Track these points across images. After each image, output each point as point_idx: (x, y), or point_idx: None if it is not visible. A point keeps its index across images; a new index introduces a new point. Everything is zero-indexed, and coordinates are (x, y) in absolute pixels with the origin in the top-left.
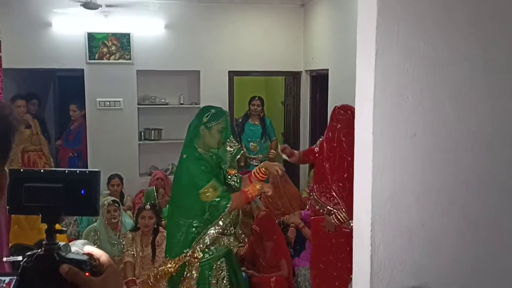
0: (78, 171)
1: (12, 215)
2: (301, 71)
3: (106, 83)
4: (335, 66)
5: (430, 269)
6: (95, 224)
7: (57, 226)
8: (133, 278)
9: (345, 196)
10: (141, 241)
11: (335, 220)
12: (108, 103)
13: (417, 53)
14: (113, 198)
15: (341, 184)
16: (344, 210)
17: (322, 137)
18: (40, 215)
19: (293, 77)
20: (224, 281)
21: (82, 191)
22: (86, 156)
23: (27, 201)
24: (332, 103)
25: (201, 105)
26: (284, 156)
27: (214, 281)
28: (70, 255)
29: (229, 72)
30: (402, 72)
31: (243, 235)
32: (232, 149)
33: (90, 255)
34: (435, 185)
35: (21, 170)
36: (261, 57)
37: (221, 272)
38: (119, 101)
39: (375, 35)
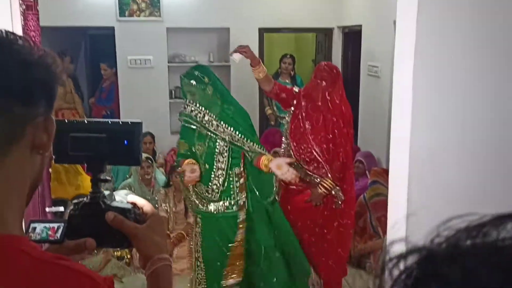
0: (121, 122)
1: (52, 172)
2: (333, 28)
3: (136, 41)
4: (369, 21)
5: None
6: (129, 180)
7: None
8: (167, 232)
9: (329, 159)
10: (174, 197)
11: (323, 189)
12: (139, 61)
13: (460, 6)
14: (146, 155)
15: (325, 146)
16: (329, 175)
17: (298, 88)
18: (85, 164)
19: (324, 34)
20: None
21: (125, 142)
22: (119, 114)
23: (72, 150)
24: (365, 61)
25: (231, 63)
26: (235, 58)
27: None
28: (114, 204)
29: (259, 29)
30: (444, 28)
31: None
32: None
33: (134, 204)
34: (472, 145)
35: (66, 120)
36: (292, 13)
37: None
38: (150, 59)
39: None
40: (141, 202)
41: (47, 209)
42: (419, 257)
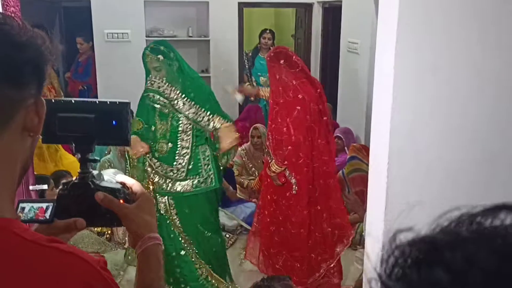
0: (108, 102)
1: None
2: (313, 3)
3: (113, 15)
4: None
5: (446, 204)
6: (109, 156)
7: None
8: None
9: (274, 146)
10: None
11: (270, 171)
12: (116, 35)
13: None
14: None
15: (270, 133)
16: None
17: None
18: (73, 145)
19: (304, 9)
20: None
21: (114, 122)
22: (96, 89)
23: (60, 130)
24: (345, 36)
25: (211, 38)
26: (238, 98)
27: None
28: (104, 183)
29: (239, 3)
30: (427, 5)
31: (253, 169)
32: None
33: (123, 184)
34: (456, 121)
35: (53, 100)
36: None
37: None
38: (127, 33)
39: None
40: (130, 181)
41: (31, 187)
42: (423, 245)
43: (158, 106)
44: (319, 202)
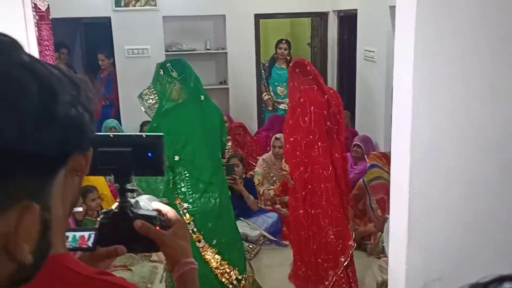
0: (144, 135)
1: None
2: (328, 12)
3: (133, 31)
4: (364, 6)
5: (466, 214)
6: None
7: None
8: None
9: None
10: None
11: (282, 170)
12: (136, 51)
13: (460, 3)
14: None
15: None
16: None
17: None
18: (113, 176)
19: (320, 18)
20: None
21: (149, 154)
22: (118, 104)
23: (101, 164)
24: (361, 45)
25: (228, 50)
26: None
27: None
28: (141, 211)
29: (255, 15)
30: (443, 20)
31: (274, 178)
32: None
33: (158, 211)
34: (474, 134)
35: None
36: None
37: None
38: (147, 49)
39: None
40: (165, 208)
41: None
42: None
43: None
44: (317, 206)
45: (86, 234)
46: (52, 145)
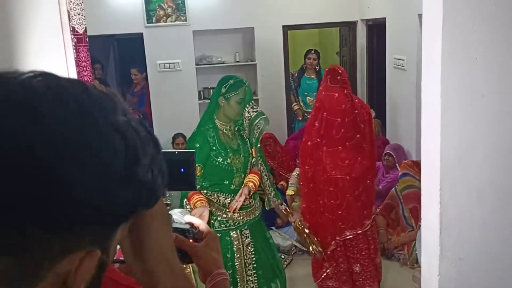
0: (177, 152)
1: None
2: (357, 21)
3: (164, 46)
4: (393, 14)
5: (498, 225)
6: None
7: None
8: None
9: None
10: None
11: None
12: (167, 65)
13: (485, 14)
14: None
15: None
16: None
17: None
18: None
19: (348, 27)
20: (249, 247)
21: (182, 170)
22: (151, 117)
23: None
24: (391, 53)
25: (257, 62)
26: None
27: (235, 248)
28: (174, 225)
29: (283, 26)
30: (470, 34)
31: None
32: (249, 114)
33: (191, 224)
34: (503, 144)
35: None
36: (314, 9)
37: (245, 238)
38: (178, 63)
39: None
40: (197, 221)
41: None
42: None
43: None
44: (327, 210)
45: None
46: (125, 204)
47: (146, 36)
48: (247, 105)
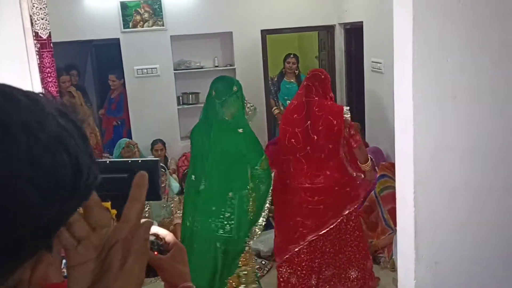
0: (140, 161)
1: None
2: (335, 25)
3: (142, 51)
4: (370, 18)
5: (473, 228)
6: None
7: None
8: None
9: None
10: None
11: None
12: (145, 70)
13: (456, 14)
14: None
15: None
16: None
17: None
18: (110, 202)
19: (326, 31)
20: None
21: None
22: (129, 124)
23: (98, 190)
24: (368, 57)
25: (236, 66)
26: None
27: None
28: None
29: (262, 31)
30: (441, 35)
31: None
32: (249, 110)
33: (156, 235)
34: (476, 145)
35: None
36: (293, 13)
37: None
38: (156, 68)
39: None
40: (163, 232)
41: None
42: None
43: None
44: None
45: None
46: (74, 210)
47: (122, 41)
48: (244, 102)
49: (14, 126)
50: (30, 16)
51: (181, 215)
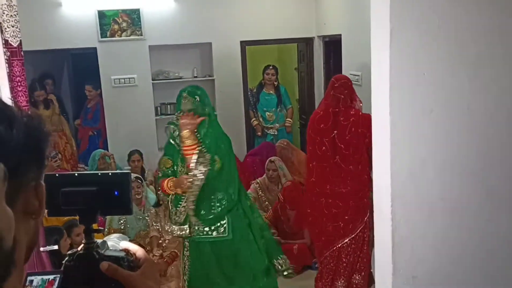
0: (110, 173)
1: None
2: (314, 37)
3: (119, 61)
4: (348, 31)
5: (450, 242)
6: None
7: (94, 226)
8: (161, 251)
9: None
10: (165, 216)
11: None
12: (123, 80)
13: (433, 29)
14: (136, 175)
15: None
16: None
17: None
18: (78, 217)
19: (305, 43)
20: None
21: (116, 192)
22: (106, 134)
23: (64, 204)
24: (347, 69)
25: (215, 77)
26: None
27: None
28: (108, 252)
29: (241, 42)
30: (418, 49)
31: (266, 202)
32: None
33: (126, 251)
34: (454, 160)
35: (57, 175)
36: (272, 25)
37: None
38: (134, 78)
39: (389, 12)
40: (133, 248)
41: (42, 249)
42: None
43: (173, 142)
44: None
45: (52, 277)
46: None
47: (100, 50)
48: None
49: None
50: (0, 23)
51: (157, 227)
